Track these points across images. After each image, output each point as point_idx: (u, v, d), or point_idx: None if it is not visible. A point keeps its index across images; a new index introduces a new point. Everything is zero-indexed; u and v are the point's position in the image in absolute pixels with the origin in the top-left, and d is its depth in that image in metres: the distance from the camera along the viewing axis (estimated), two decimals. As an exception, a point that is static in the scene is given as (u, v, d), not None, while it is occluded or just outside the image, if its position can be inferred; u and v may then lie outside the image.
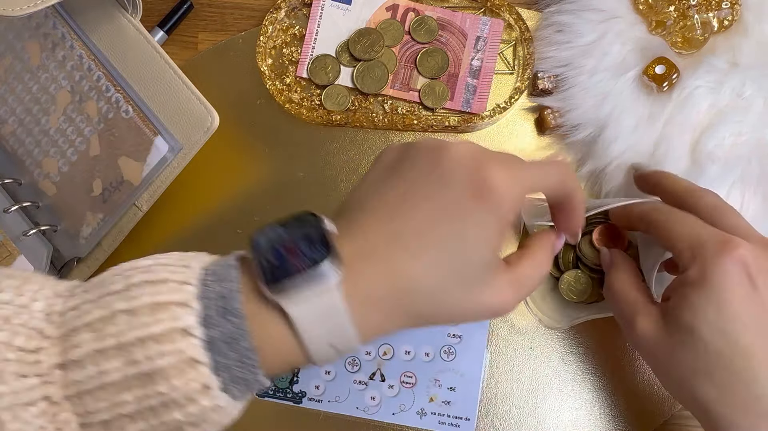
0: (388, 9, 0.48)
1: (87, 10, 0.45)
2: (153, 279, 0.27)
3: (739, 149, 0.42)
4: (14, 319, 0.27)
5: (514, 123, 0.47)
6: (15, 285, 0.28)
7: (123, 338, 0.26)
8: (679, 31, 0.44)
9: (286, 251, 0.27)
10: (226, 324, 0.27)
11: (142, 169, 0.44)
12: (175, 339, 0.26)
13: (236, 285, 0.27)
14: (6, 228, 0.47)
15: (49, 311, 0.28)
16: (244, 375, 0.27)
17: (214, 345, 0.26)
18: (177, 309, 0.26)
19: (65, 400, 0.26)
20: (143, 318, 0.26)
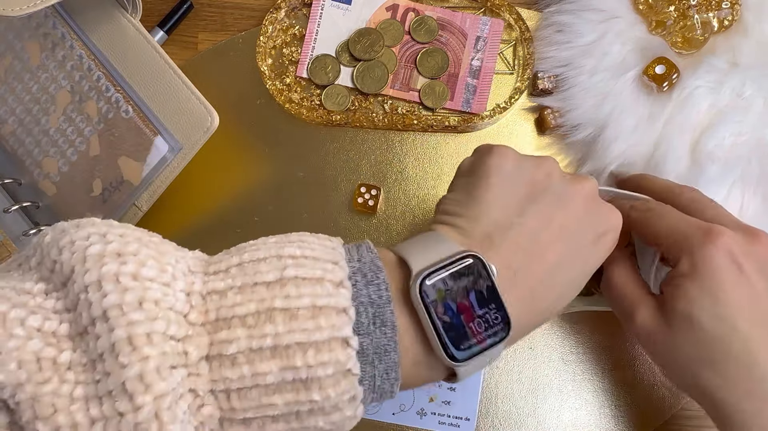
0: (388, 9, 0.48)
1: (87, 10, 0.45)
2: (308, 276, 0.26)
3: (739, 149, 0.42)
4: (163, 302, 0.25)
5: (514, 123, 0.47)
6: (154, 257, 0.26)
7: (281, 340, 0.25)
8: (679, 31, 0.44)
9: (460, 308, 0.28)
10: (379, 335, 0.26)
11: (142, 169, 0.44)
12: (334, 349, 0.25)
13: (386, 293, 0.27)
14: (6, 228, 0.47)
15: (189, 290, 0.26)
16: (383, 386, 0.27)
17: (364, 354, 0.26)
18: (336, 317, 0.25)
19: (210, 394, 0.25)
20: (303, 323, 0.25)
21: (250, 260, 0.27)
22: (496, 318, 0.28)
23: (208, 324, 0.25)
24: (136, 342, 0.24)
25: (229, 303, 0.26)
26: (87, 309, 0.24)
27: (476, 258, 0.28)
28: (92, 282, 0.24)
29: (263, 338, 0.25)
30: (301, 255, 0.27)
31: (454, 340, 0.27)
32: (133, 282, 0.25)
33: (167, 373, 0.24)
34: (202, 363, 0.25)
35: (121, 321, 0.24)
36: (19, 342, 0.24)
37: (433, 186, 0.47)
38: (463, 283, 0.28)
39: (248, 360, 0.25)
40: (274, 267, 0.26)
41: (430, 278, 0.27)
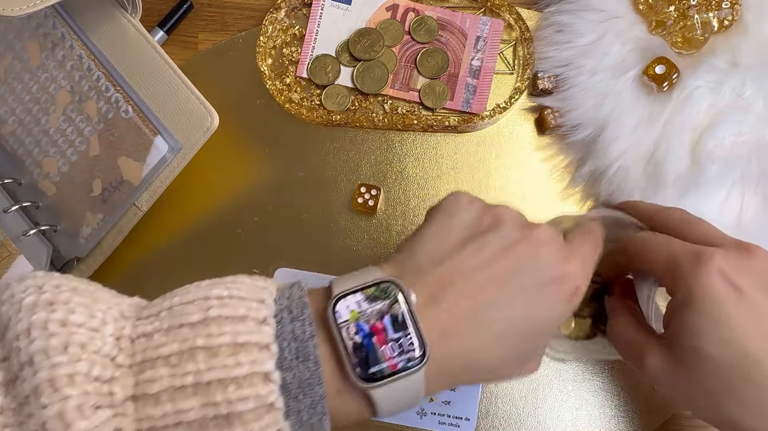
0: (388, 9, 0.48)
1: (86, 10, 0.45)
2: (231, 315, 0.27)
3: (739, 149, 0.42)
4: (89, 346, 0.26)
5: (514, 123, 0.47)
6: (85, 304, 0.27)
7: (202, 377, 0.26)
8: (679, 31, 0.44)
9: (373, 330, 0.28)
10: (302, 369, 0.26)
11: (142, 168, 0.44)
12: (255, 384, 0.26)
13: (309, 327, 0.27)
14: (6, 228, 0.47)
15: (119, 335, 0.27)
16: (311, 420, 0.27)
17: (287, 389, 0.26)
18: (257, 353, 0.26)
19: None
20: (224, 359, 0.26)
21: (179, 303, 0.28)
22: (411, 344, 0.28)
23: (135, 365, 0.26)
24: (58, 383, 0.25)
25: (154, 345, 0.26)
26: (17, 356, 0.25)
27: (393, 284, 0.29)
28: (23, 331, 0.26)
29: (185, 376, 0.26)
30: (227, 295, 0.28)
31: (363, 360, 0.27)
32: (60, 328, 0.26)
33: (90, 412, 0.25)
34: (128, 403, 0.26)
35: (45, 364, 0.25)
36: None
37: (433, 186, 0.47)
38: (378, 307, 0.28)
39: (171, 398, 0.25)
40: (199, 308, 0.27)
41: (344, 299, 0.28)
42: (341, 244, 0.47)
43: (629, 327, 0.37)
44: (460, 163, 0.47)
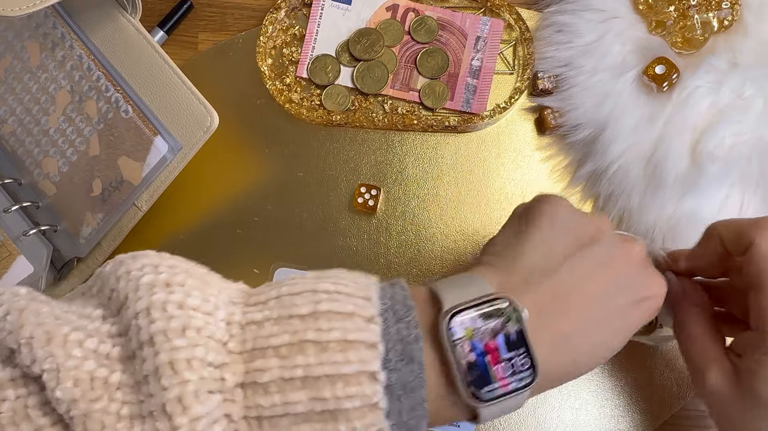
0: (388, 9, 0.48)
1: (86, 10, 0.45)
2: (341, 311, 0.27)
3: (739, 149, 0.42)
4: (204, 331, 0.26)
5: (514, 123, 0.47)
6: (199, 287, 0.28)
7: (311, 371, 0.26)
8: (679, 31, 0.44)
9: (486, 349, 0.28)
10: (406, 372, 0.27)
11: (142, 168, 0.44)
12: (362, 382, 0.26)
13: (415, 330, 0.27)
14: (6, 228, 0.47)
15: (229, 320, 0.27)
16: (410, 421, 0.27)
17: (391, 390, 0.26)
18: (365, 352, 0.26)
19: (243, 420, 0.26)
20: (333, 356, 0.26)
21: (287, 293, 0.28)
22: (524, 364, 0.28)
23: (245, 353, 0.27)
24: (178, 367, 0.25)
25: (265, 334, 0.27)
26: (136, 334, 0.26)
27: (508, 301, 0.29)
28: (142, 310, 0.26)
29: (295, 368, 0.26)
30: (334, 290, 0.28)
31: (477, 380, 0.27)
32: (178, 311, 0.26)
33: (205, 397, 0.25)
34: (238, 390, 0.26)
35: (165, 346, 0.25)
36: (76, 362, 0.25)
37: (433, 186, 0.47)
38: (492, 324, 0.28)
39: (280, 389, 0.26)
40: (308, 300, 0.27)
41: (459, 315, 0.28)
42: (341, 244, 0.47)
43: (704, 332, 0.35)
44: (460, 163, 0.47)
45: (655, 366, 0.44)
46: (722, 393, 0.33)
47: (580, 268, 0.31)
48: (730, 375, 0.33)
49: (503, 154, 0.47)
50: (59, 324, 0.26)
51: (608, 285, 0.31)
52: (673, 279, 0.38)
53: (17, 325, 0.26)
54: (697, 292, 0.37)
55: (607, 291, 0.31)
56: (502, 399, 0.28)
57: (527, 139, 0.47)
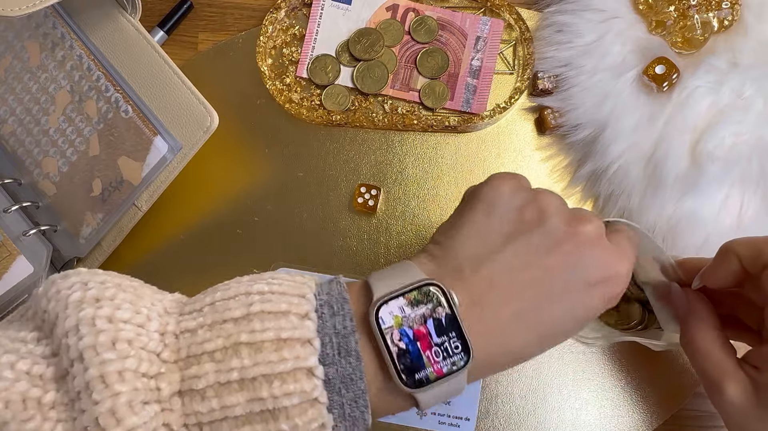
0: (388, 9, 0.48)
1: (86, 10, 0.45)
2: (273, 310, 0.27)
3: (739, 149, 0.42)
4: (136, 342, 0.26)
5: (514, 123, 0.47)
6: (130, 301, 0.27)
7: (247, 373, 0.26)
8: (679, 31, 0.44)
9: (416, 336, 0.28)
10: (344, 364, 0.27)
11: (142, 168, 0.44)
12: (299, 379, 0.26)
13: (350, 323, 0.27)
14: (6, 228, 0.47)
15: (163, 331, 0.27)
16: (353, 413, 0.27)
17: (331, 384, 0.27)
18: (300, 349, 0.26)
19: (183, 428, 0.26)
20: (268, 355, 0.26)
21: (221, 298, 0.28)
22: (456, 348, 0.28)
23: (180, 361, 0.27)
24: (109, 380, 0.25)
25: (199, 340, 0.27)
26: (66, 352, 0.26)
27: (436, 287, 0.28)
28: (71, 327, 0.26)
29: (230, 372, 0.26)
30: (268, 290, 0.28)
31: (408, 367, 0.27)
32: (107, 325, 0.26)
33: (139, 408, 0.25)
34: (175, 398, 0.26)
35: (95, 360, 0.25)
36: (7, 383, 0.25)
37: (433, 186, 0.47)
38: (421, 311, 0.28)
39: (217, 393, 0.26)
40: (241, 303, 0.27)
41: (387, 305, 0.28)
42: (341, 244, 0.47)
43: (715, 340, 0.35)
44: (460, 163, 0.47)
45: (656, 367, 0.44)
46: (741, 406, 0.33)
47: (517, 255, 0.30)
48: (748, 389, 0.33)
49: (503, 154, 0.47)
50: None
51: (551, 268, 0.30)
52: (677, 291, 0.38)
53: None
54: (706, 307, 0.37)
55: (550, 275, 0.29)
56: (436, 384, 0.28)
57: (527, 139, 0.47)
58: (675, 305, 0.38)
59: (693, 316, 0.36)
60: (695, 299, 0.37)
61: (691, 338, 0.36)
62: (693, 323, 0.36)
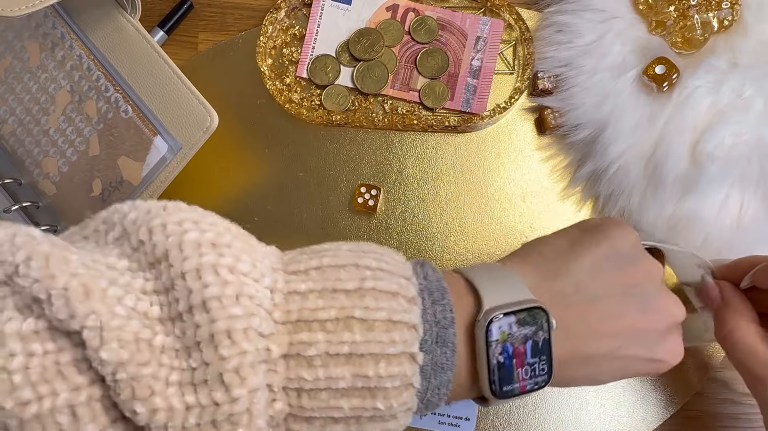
0: (388, 9, 0.48)
1: (86, 10, 0.45)
2: (385, 290, 0.27)
3: (739, 149, 0.42)
4: (255, 299, 0.26)
5: (514, 123, 0.47)
6: (246, 251, 0.27)
7: (357, 349, 0.26)
8: (679, 31, 0.44)
9: (515, 353, 0.29)
10: (439, 354, 0.27)
11: (142, 168, 0.44)
12: (403, 363, 0.26)
13: (450, 314, 0.28)
14: (6, 228, 0.47)
15: (273, 288, 0.27)
16: (432, 399, 0.28)
17: (423, 370, 0.27)
18: (407, 333, 0.27)
19: (282, 391, 0.26)
20: (379, 335, 0.26)
21: (329, 265, 0.28)
22: (542, 370, 0.29)
23: (289, 323, 0.26)
24: (235, 337, 0.24)
25: (310, 306, 0.27)
26: (186, 296, 0.25)
27: (544, 312, 0.29)
28: (190, 270, 0.25)
29: (341, 344, 0.26)
30: (377, 267, 0.28)
31: (500, 379, 0.29)
32: (231, 276, 0.25)
33: (259, 369, 0.25)
34: (281, 361, 0.26)
35: (222, 313, 0.24)
36: (121, 321, 0.24)
37: (433, 186, 0.47)
38: (525, 331, 0.29)
39: (324, 363, 0.26)
40: (353, 276, 0.27)
41: (498, 320, 0.29)
42: (341, 244, 0.47)
43: (756, 334, 0.36)
44: (460, 163, 0.47)
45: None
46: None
47: (615, 305, 0.31)
48: None
49: (503, 154, 0.47)
50: (94, 276, 0.24)
51: (632, 332, 0.31)
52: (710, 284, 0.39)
53: (46, 274, 0.24)
54: (744, 301, 0.37)
55: (629, 338, 0.31)
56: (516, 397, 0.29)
57: (527, 139, 0.47)
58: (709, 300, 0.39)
59: (730, 310, 0.37)
60: (733, 294, 0.38)
61: (730, 331, 0.36)
62: (730, 317, 0.37)
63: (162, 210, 0.27)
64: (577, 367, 0.31)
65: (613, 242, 0.32)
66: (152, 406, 0.24)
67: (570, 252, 0.32)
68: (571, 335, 0.30)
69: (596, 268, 0.32)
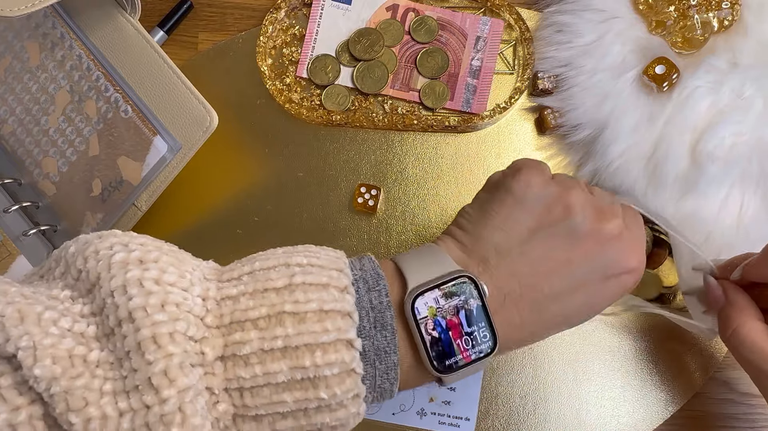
0: (388, 9, 0.48)
1: (86, 10, 0.45)
2: (315, 283, 0.28)
3: (739, 149, 0.42)
4: (183, 306, 0.27)
5: (514, 123, 0.47)
6: (173, 264, 0.28)
7: (291, 342, 0.27)
8: (679, 31, 0.44)
9: (449, 325, 0.29)
10: (379, 338, 0.28)
11: (141, 168, 0.44)
12: (339, 350, 0.27)
13: (386, 298, 0.29)
14: (6, 228, 0.47)
15: (205, 296, 0.28)
16: (383, 385, 0.28)
17: (366, 355, 0.28)
18: (341, 321, 0.27)
19: (224, 392, 0.27)
20: (312, 326, 0.27)
21: (260, 268, 0.29)
22: (484, 337, 0.29)
23: (223, 327, 0.27)
24: (161, 341, 0.25)
25: (242, 307, 0.27)
26: (114, 311, 0.26)
27: (470, 279, 0.30)
28: (118, 287, 0.26)
29: (274, 340, 0.27)
30: (307, 263, 0.29)
31: (440, 353, 0.29)
32: (155, 287, 0.26)
33: (188, 370, 0.26)
34: (218, 363, 0.27)
35: (146, 321, 0.25)
36: (54, 340, 0.25)
37: (433, 186, 0.47)
38: (454, 302, 0.29)
39: (260, 360, 0.27)
40: (283, 274, 0.28)
41: (423, 296, 0.29)
42: (341, 244, 0.47)
43: (762, 333, 0.35)
44: (460, 163, 0.47)
45: (656, 367, 0.44)
46: None
47: (541, 248, 0.31)
48: None
49: (503, 154, 0.47)
50: (30, 303, 0.26)
51: (573, 261, 0.31)
52: (712, 284, 0.38)
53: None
54: (747, 298, 0.37)
55: (571, 268, 0.31)
56: (464, 368, 0.29)
57: (527, 139, 0.47)
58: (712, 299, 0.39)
59: (735, 308, 0.37)
60: (736, 292, 0.38)
61: (735, 329, 0.36)
62: (736, 315, 0.36)
63: (97, 238, 0.28)
64: (537, 320, 0.31)
65: (515, 195, 0.32)
66: (86, 416, 0.25)
67: (481, 218, 0.33)
68: (513, 295, 0.31)
69: (508, 225, 0.32)
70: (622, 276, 0.32)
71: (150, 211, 0.45)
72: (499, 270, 0.31)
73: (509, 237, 0.31)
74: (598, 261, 0.32)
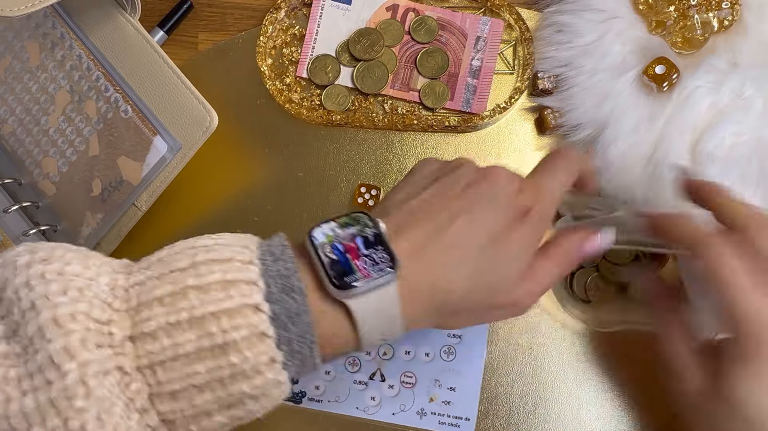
0: (388, 9, 0.48)
1: (86, 10, 0.45)
2: (218, 258, 0.28)
3: (739, 149, 0.42)
4: (87, 291, 0.27)
5: (514, 123, 0.47)
6: (79, 258, 0.28)
7: (196, 312, 0.27)
8: (679, 31, 0.44)
9: (347, 249, 0.30)
10: (289, 301, 0.28)
11: (141, 168, 0.44)
12: (246, 314, 0.27)
13: (293, 264, 0.29)
14: (6, 228, 0.47)
15: (113, 285, 0.28)
16: (302, 349, 0.28)
17: (278, 320, 0.28)
18: (246, 287, 0.28)
19: (137, 371, 0.27)
20: (215, 294, 0.27)
21: (167, 254, 0.30)
22: (382, 258, 0.30)
23: (131, 309, 0.28)
24: (61, 321, 0.26)
25: (147, 289, 0.28)
26: (18, 305, 0.27)
27: (363, 213, 0.31)
28: (22, 284, 0.27)
29: (179, 312, 0.27)
30: (212, 243, 0.30)
31: (339, 272, 0.29)
32: (58, 277, 0.27)
33: (92, 346, 0.26)
34: (127, 343, 0.27)
35: (47, 304, 0.26)
36: None
37: (433, 186, 0.47)
38: (350, 231, 0.30)
39: (167, 333, 0.27)
40: (187, 255, 0.29)
41: (320, 227, 0.31)
42: (341, 244, 0.47)
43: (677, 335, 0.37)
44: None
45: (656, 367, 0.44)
46: (697, 394, 0.35)
47: (432, 192, 0.33)
48: (705, 378, 0.35)
49: (503, 154, 0.47)
50: None
51: (467, 200, 0.32)
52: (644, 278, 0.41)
53: None
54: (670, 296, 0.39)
55: (466, 205, 0.32)
56: (367, 290, 0.29)
57: (527, 139, 0.47)
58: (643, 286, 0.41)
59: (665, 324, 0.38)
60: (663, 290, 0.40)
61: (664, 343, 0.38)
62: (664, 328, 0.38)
63: (9, 251, 0.29)
64: (430, 253, 0.31)
65: (417, 168, 0.35)
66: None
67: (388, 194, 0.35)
68: (407, 230, 0.31)
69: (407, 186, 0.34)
70: (514, 211, 0.33)
71: (150, 211, 0.45)
72: (396, 213, 0.32)
73: (408, 194, 0.33)
74: (488, 198, 0.32)
